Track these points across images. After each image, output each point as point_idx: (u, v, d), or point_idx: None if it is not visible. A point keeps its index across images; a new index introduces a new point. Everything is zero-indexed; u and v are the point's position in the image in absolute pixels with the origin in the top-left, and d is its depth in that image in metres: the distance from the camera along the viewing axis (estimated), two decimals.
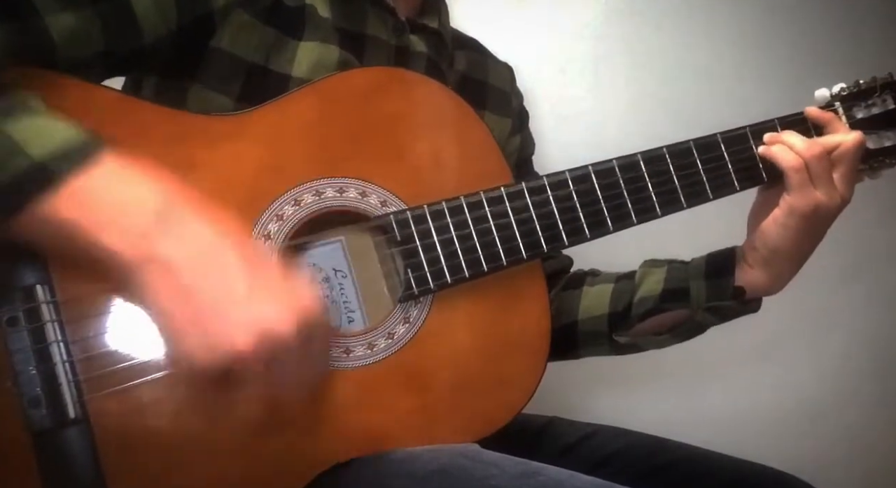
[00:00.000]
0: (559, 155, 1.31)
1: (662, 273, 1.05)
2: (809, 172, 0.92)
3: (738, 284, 0.99)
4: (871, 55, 1.57)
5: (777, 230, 0.94)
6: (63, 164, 0.64)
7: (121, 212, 0.64)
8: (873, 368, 1.67)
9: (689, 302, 1.02)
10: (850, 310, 1.66)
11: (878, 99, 0.99)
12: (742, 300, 1.00)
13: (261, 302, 0.64)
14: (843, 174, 0.93)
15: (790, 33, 1.60)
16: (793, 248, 0.96)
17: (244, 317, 0.63)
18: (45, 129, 0.66)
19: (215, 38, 0.85)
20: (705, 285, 1.01)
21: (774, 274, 0.98)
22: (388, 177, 0.86)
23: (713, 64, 1.55)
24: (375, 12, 0.95)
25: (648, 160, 0.92)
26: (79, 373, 0.71)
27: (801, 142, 0.93)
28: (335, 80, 0.87)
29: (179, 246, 0.64)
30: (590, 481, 0.74)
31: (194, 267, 0.64)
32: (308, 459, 0.78)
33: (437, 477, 0.76)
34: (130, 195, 0.65)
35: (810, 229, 0.94)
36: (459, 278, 0.85)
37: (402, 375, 0.83)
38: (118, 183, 0.66)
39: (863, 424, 1.65)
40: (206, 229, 0.66)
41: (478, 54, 1.13)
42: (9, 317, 0.70)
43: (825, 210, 0.93)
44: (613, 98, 1.53)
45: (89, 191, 0.64)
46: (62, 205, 0.64)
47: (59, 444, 0.70)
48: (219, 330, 0.63)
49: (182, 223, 0.65)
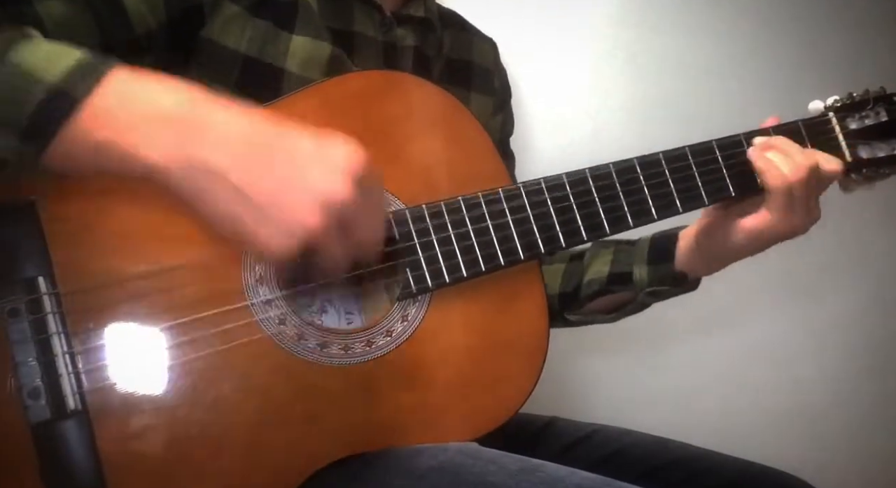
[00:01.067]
0: (558, 156, 1.32)
1: (609, 255, 1.08)
2: (792, 196, 0.92)
3: (679, 269, 1.02)
4: (870, 57, 1.57)
5: (744, 239, 0.95)
6: (80, 84, 0.64)
7: (147, 122, 0.64)
8: (873, 368, 1.67)
9: (633, 285, 1.05)
10: (850, 310, 1.66)
11: (871, 111, 1.01)
12: (682, 284, 1.04)
13: (312, 176, 0.65)
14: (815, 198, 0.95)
15: (790, 34, 1.60)
16: (748, 253, 0.98)
17: (302, 197, 0.64)
18: (53, 54, 0.65)
19: (205, 29, 0.86)
20: (647, 270, 1.04)
21: (717, 265, 1.01)
22: (386, 179, 0.85)
23: (713, 64, 1.56)
24: (361, 9, 0.96)
25: (645, 164, 0.92)
26: (79, 365, 0.72)
27: (790, 161, 0.92)
28: (333, 83, 0.87)
29: (216, 145, 0.64)
30: (589, 477, 0.74)
31: (238, 164, 0.64)
32: (306, 455, 0.78)
33: (436, 474, 0.76)
34: (153, 104, 0.64)
35: (757, 244, 0.96)
36: (457, 277, 0.85)
37: (401, 372, 0.84)
38: (138, 93, 0.65)
39: (863, 424, 1.65)
40: (234, 120, 0.65)
41: (463, 32, 1.13)
42: (10, 308, 0.71)
43: (800, 231, 0.94)
44: (612, 99, 1.53)
45: (113, 107, 0.64)
46: (90, 126, 0.63)
47: (58, 435, 0.70)
48: (285, 218, 0.64)
49: (210, 120, 0.65)
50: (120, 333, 0.74)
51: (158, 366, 0.74)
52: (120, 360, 0.73)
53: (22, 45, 0.66)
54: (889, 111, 1.01)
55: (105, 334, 0.73)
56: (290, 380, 0.79)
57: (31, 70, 0.64)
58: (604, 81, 1.53)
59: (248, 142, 0.65)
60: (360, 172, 0.66)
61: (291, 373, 0.79)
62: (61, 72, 0.64)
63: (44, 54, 0.65)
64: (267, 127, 0.66)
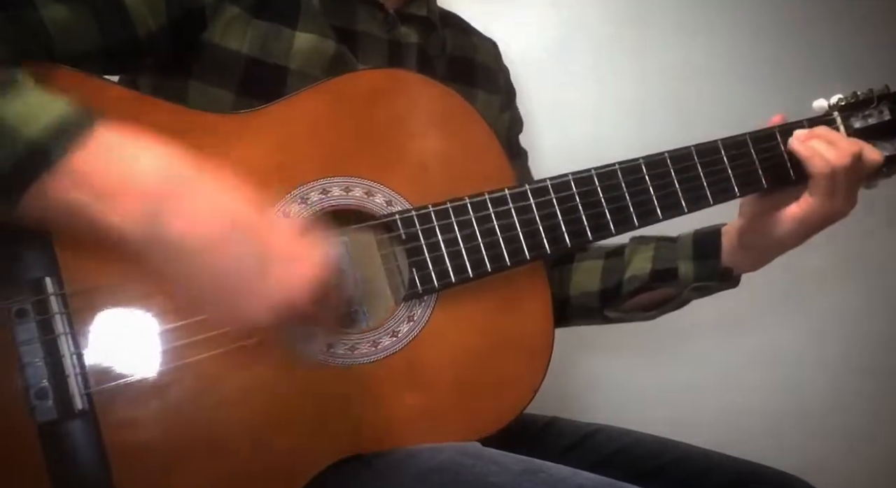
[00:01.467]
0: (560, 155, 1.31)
1: (650, 251, 1.07)
2: (836, 181, 0.93)
3: (726, 265, 1.02)
4: (874, 56, 1.57)
5: (791, 226, 0.96)
6: (60, 142, 0.63)
7: (124, 187, 0.63)
8: (873, 368, 1.67)
9: (677, 281, 1.04)
10: (850, 310, 1.67)
11: (875, 110, 1.01)
12: (729, 280, 1.03)
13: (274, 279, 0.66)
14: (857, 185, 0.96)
15: (794, 33, 1.60)
16: (794, 243, 0.98)
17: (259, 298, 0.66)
18: (38, 107, 0.65)
19: (207, 32, 0.86)
20: (693, 266, 1.03)
21: (763, 259, 1.02)
22: (393, 177, 0.86)
23: (717, 64, 1.56)
24: (364, 7, 0.96)
25: (650, 164, 0.92)
26: (86, 366, 0.72)
27: (833, 149, 0.94)
28: (342, 81, 0.87)
29: (189, 223, 0.64)
30: (591, 478, 0.74)
31: (207, 248, 0.64)
32: (311, 455, 0.78)
33: (439, 474, 0.77)
34: (131, 167, 0.64)
35: (818, 229, 0.97)
36: (463, 278, 0.85)
37: (406, 373, 0.84)
38: (118, 155, 0.65)
39: (863, 424, 1.65)
40: (211, 197, 0.65)
41: (464, 33, 1.13)
42: (17, 309, 0.71)
43: (840, 216, 0.96)
44: (614, 99, 1.53)
45: (90, 167, 0.64)
46: (64, 184, 0.63)
47: (65, 436, 0.70)
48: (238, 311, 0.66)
49: (187, 194, 0.65)
50: (126, 334, 0.74)
51: (165, 366, 0.74)
52: (126, 361, 0.73)
53: (6, 93, 0.65)
54: (892, 110, 1.02)
55: (111, 334, 0.73)
56: (295, 381, 0.79)
57: (11, 123, 0.63)
58: (608, 81, 1.53)
59: (222, 226, 0.65)
60: (320, 288, 0.67)
61: (297, 374, 0.79)
62: (42, 127, 0.63)
63: (27, 106, 0.65)
64: (245, 212, 0.66)
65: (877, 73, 1.07)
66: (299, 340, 0.75)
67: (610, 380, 1.52)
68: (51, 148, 0.63)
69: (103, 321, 0.73)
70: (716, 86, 1.55)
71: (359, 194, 0.85)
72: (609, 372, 1.24)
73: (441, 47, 1.06)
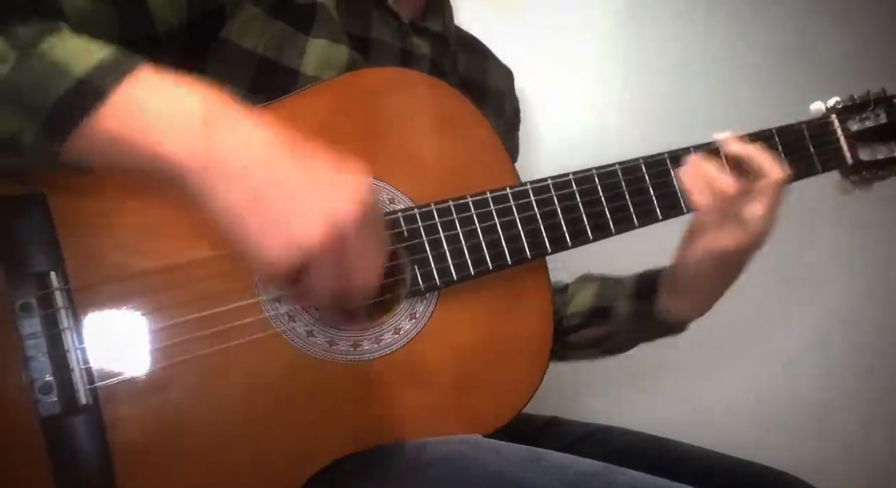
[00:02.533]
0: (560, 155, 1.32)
1: (594, 288, 1.07)
2: (721, 213, 0.91)
3: (661, 307, 1.00)
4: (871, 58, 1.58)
5: (691, 265, 0.95)
6: (106, 78, 0.64)
7: (170, 120, 0.64)
8: (873, 368, 1.67)
9: (613, 319, 1.04)
10: (849, 312, 1.67)
11: (872, 113, 1.02)
12: (665, 323, 1.01)
13: (324, 193, 0.65)
14: (764, 212, 0.91)
15: (791, 35, 1.61)
16: (706, 283, 0.96)
17: (312, 210, 0.64)
18: (82, 48, 0.66)
19: (225, 29, 0.86)
20: (629, 304, 1.03)
21: (691, 302, 0.99)
22: (396, 176, 0.86)
23: (716, 65, 1.56)
24: (379, 15, 0.96)
25: (650, 164, 0.93)
26: (90, 360, 0.72)
27: (719, 177, 0.91)
28: (347, 79, 0.88)
29: (237, 147, 0.64)
30: (592, 464, 0.75)
31: (256, 169, 0.64)
32: (314, 451, 0.79)
33: (441, 464, 0.77)
34: (176, 103, 0.65)
35: (723, 267, 0.94)
36: (465, 276, 0.86)
37: (408, 370, 0.84)
38: (162, 92, 0.65)
39: (863, 424, 1.65)
40: (256, 127, 0.65)
41: (479, 55, 1.14)
42: (22, 303, 0.71)
43: (735, 250, 0.92)
44: (615, 99, 1.53)
45: (136, 102, 0.64)
46: (111, 119, 0.63)
47: (68, 430, 0.70)
48: (291, 227, 0.63)
49: (234, 123, 0.65)
50: (131, 328, 0.74)
51: (169, 361, 0.74)
52: (130, 356, 0.73)
53: (52, 37, 0.66)
54: (889, 113, 1.03)
55: (116, 329, 0.73)
56: (298, 377, 0.79)
57: (58, 61, 0.64)
58: (609, 81, 1.53)
59: (268, 151, 0.65)
60: (367, 202, 0.66)
61: (300, 370, 0.79)
62: (89, 65, 0.64)
63: (73, 47, 0.66)
64: (287, 139, 0.66)
65: (874, 77, 1.07)
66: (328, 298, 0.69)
67: (610, 380, 1.52)
68: (100, 82, 0.64)
69: (108, 316, 0.73)
70: (715, 87, 1.56)
71: None
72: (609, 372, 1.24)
73: (453, 65, 1.07)
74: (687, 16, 1.57)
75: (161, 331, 0.74)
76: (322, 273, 0.66)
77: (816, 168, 1.00)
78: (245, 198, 0.63)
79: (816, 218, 1.53)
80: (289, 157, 0.65)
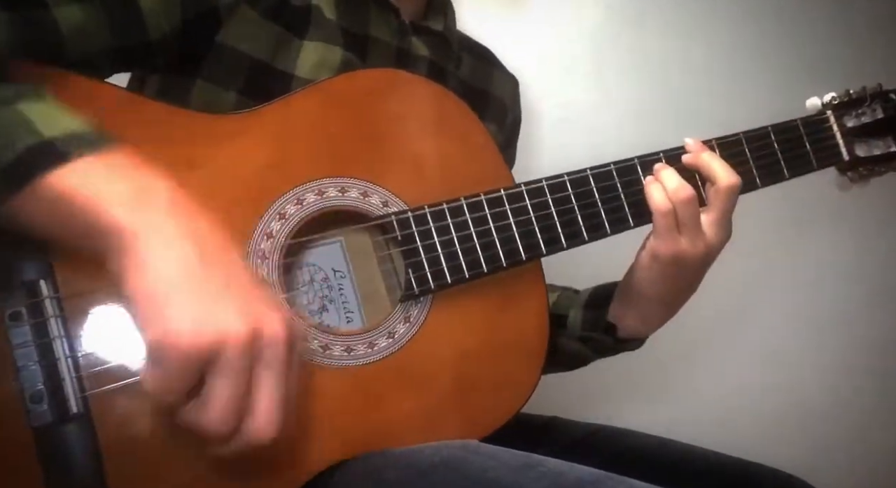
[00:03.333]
0: (559, 155, 1.32)
1: (553, 298, 1.06)
2: (677, 217, 0.89)
3: (611, 320, 0.99)
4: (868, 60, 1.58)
5: (642, 273, 0.94)
6: (74, 146, 0.63)
7: (125, 195, 0.62)
8: (873, 368, 1.67)
9: (566, 329, 1.03)
10: (850, 310, 1.67)
11: (868, 108, 1.01)
12: (615, 336, 1.00)
13: (260, 302, 0.63)
14: (715, 219, 0.90)
15: (790, 35, 1.61)
16: (657, 294, 0.94)
17: (245, 306, 0.61)
18: (57, 115, 0.66)
19: (220, 33, 0.86)
20: (581, 314, 1.02)
21: (641, 316, 0.97)
22: (389, 178, 0.86)
23: (712, 63, 1.56)
24: (379, 13, 0.96)
25: (645, 164, 0.92)
26: (81, 369, 0.72)
27: (673, 184, 0.89)
28: (339, 81, 0.87)
29: (183, 220, 0.62)
30: (590, 471, 0.74)
31: (199, 250, 0.62)
32: (309, 457, 0.78)
33: (438, 469, 0.76)
34: (136, 184, 0.63)
35: (673, 276, 0.92)
36: (459, 278, 0.85)
37: (403, 374, 0.84)
38: (126, 172, 0.64)
39: (863, 424, 1.66)
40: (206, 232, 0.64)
41: (485, 62, 1.13)
42: (11, 312, 0.70)
43: (689, 258, 0.90)
44: (614, 99, 1.53)
45: (96, 172, 0.63)
46: (66, 179, 0.62)
47: (60, 439, 0.70)
48: (219, 310, 0.60)
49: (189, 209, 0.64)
50: (122, 336, 0.73)
51: None
52: (122, 363, 0.73)
53: (32, 99, 0.66)
54: (885, 108, 1.02)
55: (107, 337, 0.73)
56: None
57: (31, 119, 0.64)
58: (605, 80, 1.53)
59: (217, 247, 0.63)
60: (297, 334, 0.64)
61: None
62: (61, 131, 0.64)
63: (50, 112, 0.66)
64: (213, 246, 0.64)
65: (870, 72, 1.07)
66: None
67: (609, 380, 1.52)
68: (66, 148, 0.63)
69: (98, 324, 0.73)
70: (712, 85, 1.56)
71: (354, 195, 0.85)
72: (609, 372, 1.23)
73: (455, 66, 1.06)
74: (684, 13, 1.56)
75: None
76: (225, 380, 0.60)
77: (812, 165, 1.00)
78: (181, 264, 0.60)
79: (816, 217, 1.53)
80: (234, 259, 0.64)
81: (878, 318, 1.68)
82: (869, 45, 1.60)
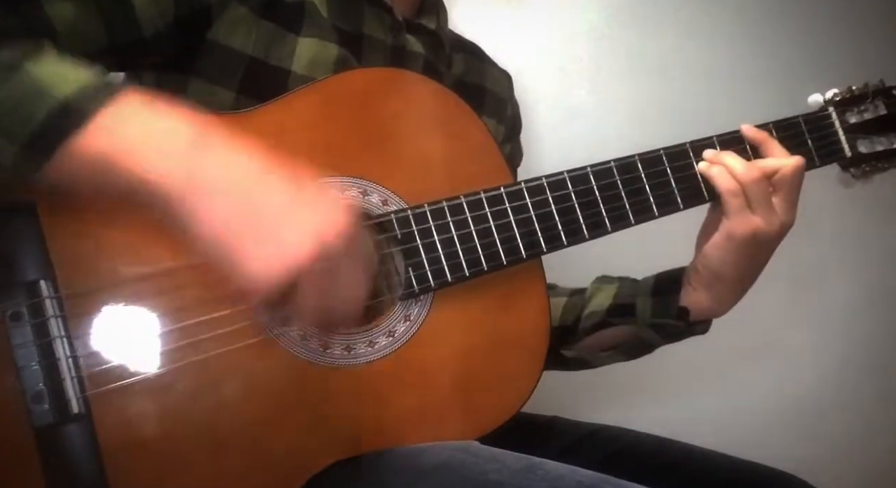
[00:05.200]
0: (559, 155, 1.32)
1: (613, 288, 1.05)
2: (747, 197, 0.90)
3: (683, 304, 0.99)
4: (870, 56, 1.58)
5: (717, 254, 0.94)
6: (91, 101, 0.64)
7: (155, 142, 0.64)
8: (873, 368, 1.67)
9: (634, 317, 1.02)
10: (850, 310, 1.67)
11: (871, 105, 1.01)
12: (687, 320, 1.00)
13: (309, 214, 0.65)
14: (784, 198, 0.92)
15: (790, 34, 1.60)
16: (733, 273, 0.95)
17: (300, 230, 0.64)
18: (67, 71, 0.67)
19: (212, 30, 0.85)
20: (651, 302, 1.01)
21: (716, 297, 0.97)
22: (389, 177, 0.86)
23: (713, 61, 1.56)
24: (373, 11, 0.96)
25: (646, 161, 0.92)
26: (82, 369, 0.72)
27: (739, 166, 0.91)
28: (337, 80, 0.87)
29: (218, 173, 0.64)
30: (589, 475, 0.75)
31: (238, 191, 0.64)
32: (308, 456, 0.78)
33: (439, 472, 0.76)
34: (161, 126, 0.65)
35: (750, 255, 0.93)
36: (460, 277, 0.85)
37: (403, 373, 0.84)
38: (147, 115, 0.66)
39: (862, 424, 1.65)
40: (237, 155, 0.66)
41: (477, 60, 1.13)
42: (12, 312, 0.70)
43: (764, 235, 0.91)
44: (613, 98, 1.53)
45: (119, 125, 0.64)
46: (95, 139, 0.64)
47: (61, 439, 0.70)
48: (281, 246, 0.64)
49: (214, 151, 0.65)
50: (123, 336, 0.73)
51: (162, 368, 0.74)
52: (123, 363, 0.73)
53: (35, 58, 0.66)
54: (888, 105, 1.02)
55: (108, 337, 0.73)
56: (292, 382, 0.79)
57: (42, 82, 0.65)
58: (605, 79, 1.53)
59: (251, 175, 0.66)
60: (352, 221, 0.67)
61: (294, 375, 0.79)
62: (74, 87, 0.65)
63: (57, 69, 0.66)
64: (270, 162, 0.67)
65: (873, 68, 1.07)
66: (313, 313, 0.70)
67: (609, 380, 1.52)
68: (83, 105, 0.64)
69: (99, 324, 0.73)
70: (714, 83, 1.55)
71: (354, 194, 0.85)
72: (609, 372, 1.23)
73: (448, 65, 1.06)
74: (685, 11, 1.56)
75: (153, 338, 0.74)
76: (310, 291, 0.66)
77: (815, 161, 1.00)
78: (229, 219, 0.64)
79: (818, 214, 1.52)
80: (273, 180, 0.66)
81: (878, 318, 1.68)
82: (871, 41, 1.60)
